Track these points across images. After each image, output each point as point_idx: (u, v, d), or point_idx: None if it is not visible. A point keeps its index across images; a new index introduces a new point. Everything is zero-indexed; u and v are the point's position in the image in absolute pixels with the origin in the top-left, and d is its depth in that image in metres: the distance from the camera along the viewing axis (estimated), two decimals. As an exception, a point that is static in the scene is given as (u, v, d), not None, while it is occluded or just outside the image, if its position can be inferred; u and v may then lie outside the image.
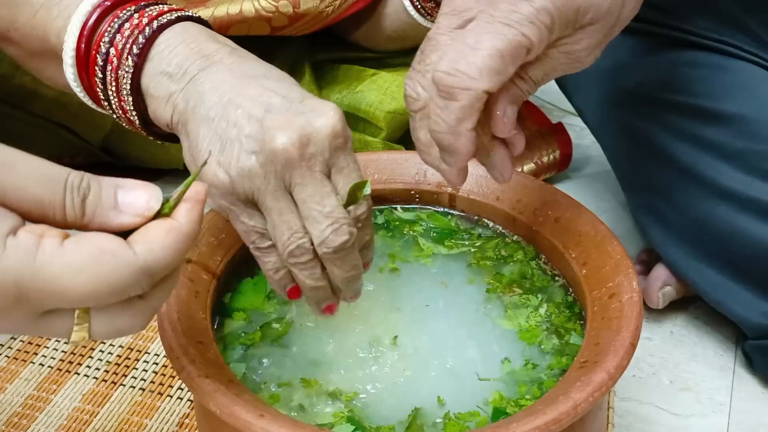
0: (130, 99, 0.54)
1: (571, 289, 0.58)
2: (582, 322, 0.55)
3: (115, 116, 0.57)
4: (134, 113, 0.55)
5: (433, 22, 0.87)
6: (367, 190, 0.51)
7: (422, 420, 0.49)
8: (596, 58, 0.51)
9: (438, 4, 0.86)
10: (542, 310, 0.56)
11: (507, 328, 0.55)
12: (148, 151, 0.95)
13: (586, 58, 0.51)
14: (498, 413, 0.49)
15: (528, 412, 0.43)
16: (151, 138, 0.58)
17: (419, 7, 0.86)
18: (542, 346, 0.53)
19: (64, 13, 0.55)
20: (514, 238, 0.63)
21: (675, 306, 0.79)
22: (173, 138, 0.55)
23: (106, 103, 0.56)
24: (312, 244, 0.50)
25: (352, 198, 0.51)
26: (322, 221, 0.49)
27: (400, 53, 0.92)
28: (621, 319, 0.49)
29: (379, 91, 0.88)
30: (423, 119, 0.51)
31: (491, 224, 0.64)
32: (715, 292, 0.71)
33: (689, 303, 0.80)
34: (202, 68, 0.52)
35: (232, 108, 0.50)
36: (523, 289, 0.58)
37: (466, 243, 0.63)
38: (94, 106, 0.59)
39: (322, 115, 0.49)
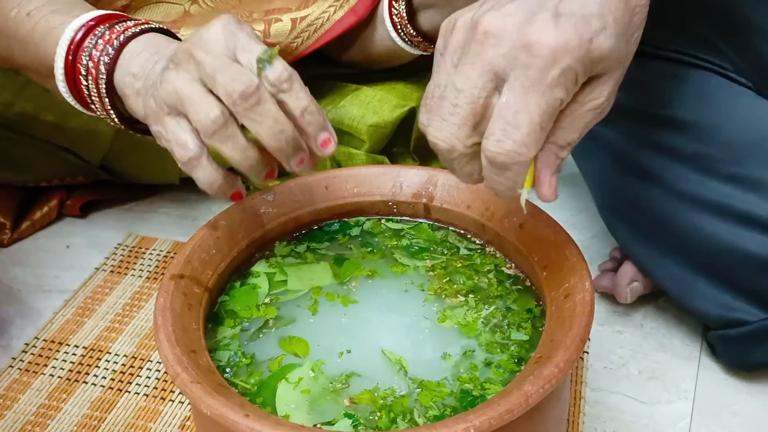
0: (107, 100, 0.66)
1: (534, 290, 0.63)
2: (540, 325, 0.59)
3: (101, 117, 0.69)
4: (112, 112, 0.67)
5: (419, 49, 0.91)
6: (275, 55, 0.54)
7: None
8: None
9: (423, 38, 0.89)
10: (486, 312, 0.60)
11: (454, 330, 0.59)
12: (145, 168, 1.00)
13: (607, 107, 0.52)
14: (465, 394, 0.54)
15: (486, 404, 0.47)
16: (131, 132, 0.69)
17: (405, 39, 0.90)
18: (490, 345, 0.58)
19: (57, 39, 0.67)
20: (490, 250, 0.68)
21: (645, 299, 0.83)
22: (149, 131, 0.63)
23: (93, 107, 0.68)
24: (227, 113, 0.55)
25: (262, 64, 0.54)
26: (223, 78, 0.54)
27: (381, 70, 0.97)
28: (573, 317, 0.53)
29: (361, 106, 0.92)
30: (461, 161, 0.52)
31: (477, 240, 0.69)
32: (678, 287, 0.76)
33: (658, 296, 0.84)
34: (160, 66, 0.61)
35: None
36: (482, 296, 0.62)
37: (440, 256, 0.67)
38: (87, 113, 0.70)
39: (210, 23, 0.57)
